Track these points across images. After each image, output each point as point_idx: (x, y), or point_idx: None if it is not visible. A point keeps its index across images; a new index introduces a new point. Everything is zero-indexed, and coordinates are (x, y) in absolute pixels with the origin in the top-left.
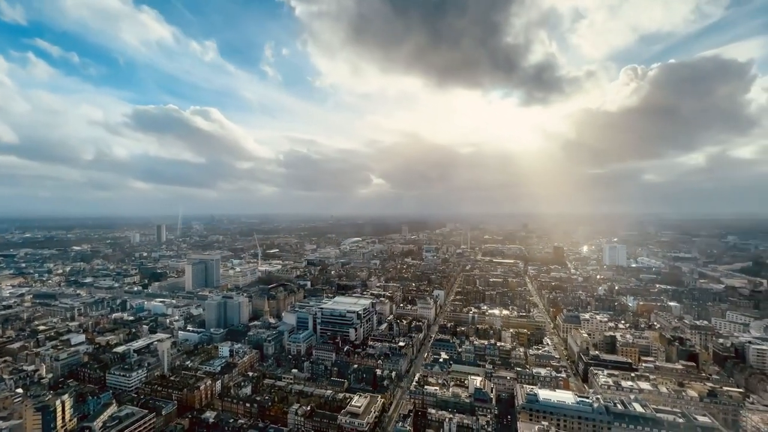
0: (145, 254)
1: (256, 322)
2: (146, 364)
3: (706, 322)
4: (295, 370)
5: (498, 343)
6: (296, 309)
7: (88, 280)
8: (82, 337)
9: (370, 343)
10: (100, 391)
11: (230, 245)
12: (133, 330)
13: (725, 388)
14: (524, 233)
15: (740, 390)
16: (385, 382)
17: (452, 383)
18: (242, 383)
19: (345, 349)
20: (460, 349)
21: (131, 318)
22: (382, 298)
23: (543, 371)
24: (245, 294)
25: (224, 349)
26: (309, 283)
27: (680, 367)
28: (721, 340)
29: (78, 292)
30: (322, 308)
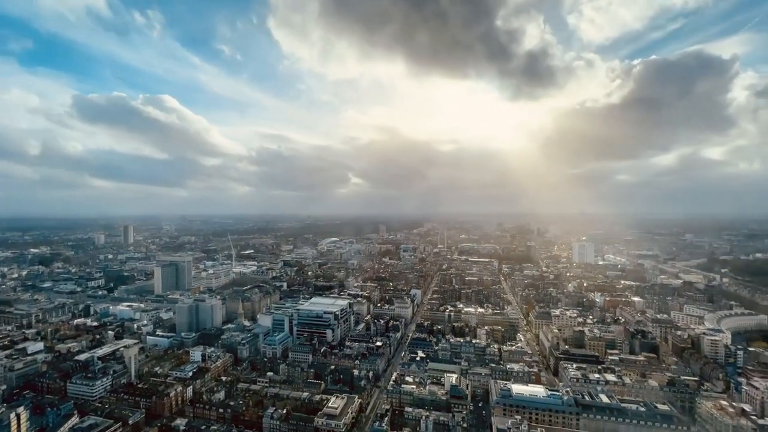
0: (110, 256)
1: (229, 325)
2: (112, 372)
3: (665, 316)
4: (270, 373)
5: (473, 341)
6: (272, 311)
7: (48, 284)
8: (40, 345)
9: (348, 343)
10: (60, 402)
11: (203, 246)
12: (98, 336)
13: (682, 378)
14: (499, 233)
15: (696, 378)
16: (363, 383)
17: (429, 381)
18: (215, 388)
19: (322, 350)
20: (436, 348)
21: (95, 324)
22: (359, 299)
23: (516, 367)
24: (218, 296)
25: (196, 354)
26: (285, 285)
27: (642, 358)
28: (679, 333)
29: (36, 297)
30: (298, 309)
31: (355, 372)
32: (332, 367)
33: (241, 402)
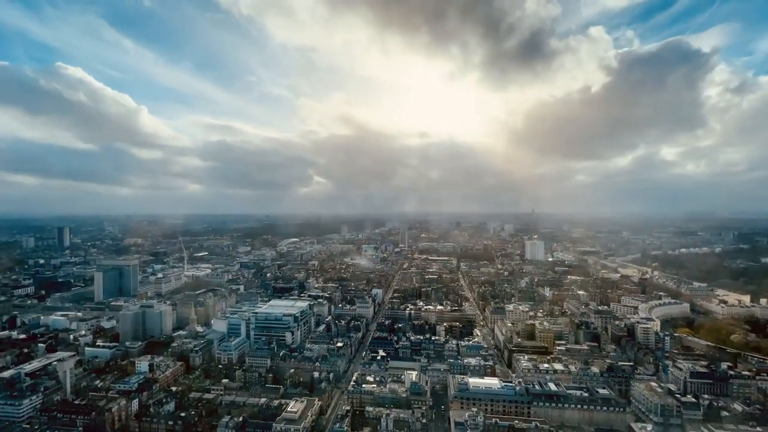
0: (42, 261)
1: (181, 332)
2: (42, 389)
3: (606, 307)
4: (225, 380)
5: (433, 338)
6: (227, 315)
7: None
8: None
9: (308, 345)
10: None
11: (151, 249)
12: (26, 350)
13: (619, 363)
14: (458, 232)
15: (630, 363)
16: (323, 384)
17: (390, 380)
18: (165, 400)
19: (281, 353)
20: (397, 346)
21: (23, 336)
22: (320, 300)
23: (473, 361)
24: (168, 302)
25: (143, 364)
26: (242, 287)
27: (586, 347)
28: (617, 322)
29: None
30: (256, 313)
31: (316, 374)
32: (292, 370)
33: (193, 412)
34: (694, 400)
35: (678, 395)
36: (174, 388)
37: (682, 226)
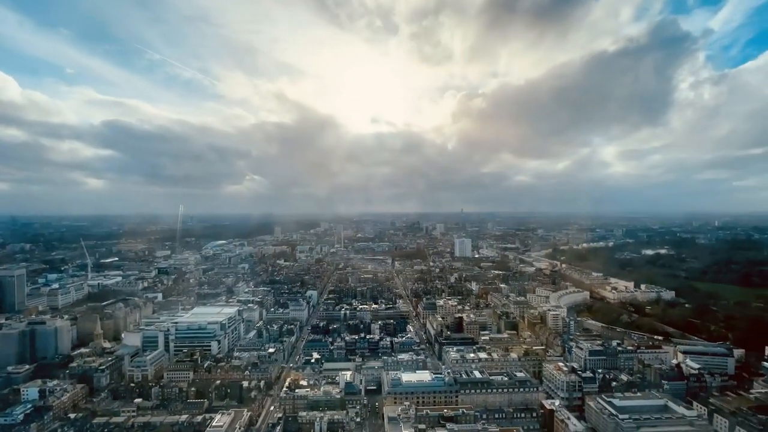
0: None
1: (83, 350)
2: None
3: (523, 298)
4: (139, 400)
5: (367, 336)
6: (142, 327)
7: None
8: None
9: (236, 354)
10: None
11: (44, 256)
12: None
13: (534, 348)
14: (392, 231)
15: (543, 347)
16: (253, 394)
17: (324, 382)
18: (61, 429)
19: (205, 365)
20: (332, 347)
21: None
22: (250, 305)
23: (406, 356)
24: (67, 316)
25: (31, 391)
26: (160, 296)
27: (506, 336)
28: (532, 311)
29: None
30: (176, 323)
31: (245, 383)
32: (218, 382)
33: None
34: (591, 375)
35: (579, 372)
36: (73, 415)
37: (584, 224)
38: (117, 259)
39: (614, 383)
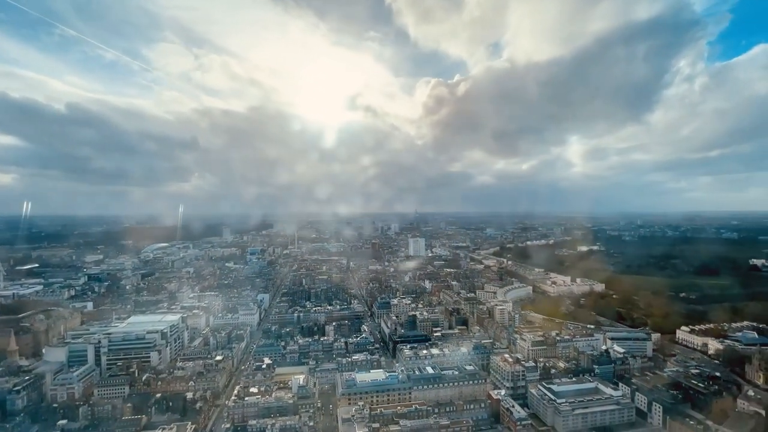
0: None
1: None
2: None
3: (472, 294)
4: (63, 421)
5: (322, 338)
6: (67, 341)
7: None
8: None
9: (179, 364)
10: None
11: None
12: None
13: (482, 341)
14: (348, 231)
15: (490, 340)
16: (198, 405)
17: (276, 387)
18: None
19: (144, 377)
20: (284, 351)
21: None
22: (195, 311)
23: (361, 357)
24: None
25: None
26: (90, 305)
27: (457, 331)
28: (481, 306)
29: None
30: (109, 334)
31: (189, 395)
32: (158, 395)
33: None
34: (533, 364)
35: (523, 362)
36: None
37: (528, 223)
38: (37, 265)
39: (553, 370)
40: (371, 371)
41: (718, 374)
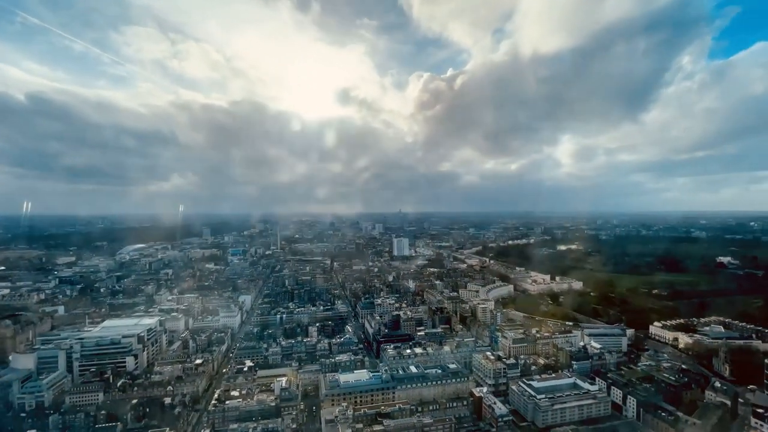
0: None
1: None
2: None
3: (455, 293)
4: (32, 431)
5: (305, 339)
6: (36, 347)
7: None
8: None
9: (157, 368)
10: None
11: None
12: None
13: (465, 340)
14: (332, 232)
15: (473, 339)
16: (177, 410)
17: (258, 390)
18: None
19: (119, 383)
20: (267, 353)
21: None
22: (174, 313)
23: (344, 357)
24: None
25: None
26: (61, 309)
27: (441, 330)
28: (464, 305)
29: None
30: (82, 339)
31: (167, 400)
32: (134, 401)
33: None
34: (514, 361)
35: (504, 359)
36: None
37: (509, 223)
38: (3, 268)
39: (534, 367)
40: (355, 372)
41: (687, 367)
